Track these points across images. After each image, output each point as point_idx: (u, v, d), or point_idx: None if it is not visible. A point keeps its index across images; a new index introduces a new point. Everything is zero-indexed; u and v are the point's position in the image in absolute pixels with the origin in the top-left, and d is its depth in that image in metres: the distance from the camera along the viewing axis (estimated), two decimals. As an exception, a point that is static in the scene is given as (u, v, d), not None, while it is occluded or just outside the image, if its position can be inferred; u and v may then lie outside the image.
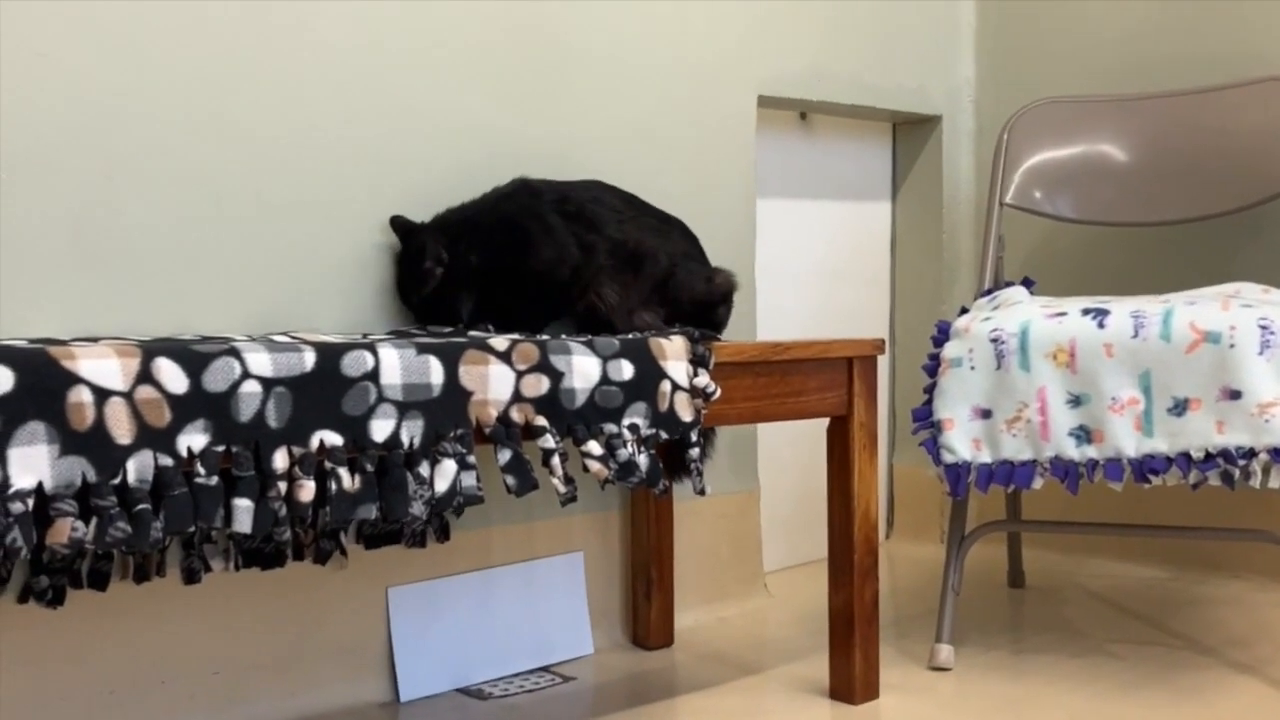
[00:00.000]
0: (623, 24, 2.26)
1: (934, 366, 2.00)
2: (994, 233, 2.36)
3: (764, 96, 2.50)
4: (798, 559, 2.80)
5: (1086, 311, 1.90)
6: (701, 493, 1.64)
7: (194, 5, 1.76)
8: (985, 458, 1.93)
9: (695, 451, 1.62)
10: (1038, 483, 1.89)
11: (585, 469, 1.53)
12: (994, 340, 1.93)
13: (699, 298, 1.94)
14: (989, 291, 2.22)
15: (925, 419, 1.98)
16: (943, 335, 2.01)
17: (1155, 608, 2.39)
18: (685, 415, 1.61)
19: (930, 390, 1.99)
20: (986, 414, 1.93)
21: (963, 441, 1.94)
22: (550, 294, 1.87)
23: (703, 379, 1.63)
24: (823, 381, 1.80)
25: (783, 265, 2.73)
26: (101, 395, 1.16)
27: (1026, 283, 2.23)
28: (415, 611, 1.98)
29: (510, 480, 1.46)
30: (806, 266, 2.82)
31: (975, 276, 2.90)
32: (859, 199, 2.94)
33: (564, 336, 1.62)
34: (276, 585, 1.84)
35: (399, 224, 1.90)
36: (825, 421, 1.86)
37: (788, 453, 2.74)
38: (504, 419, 1.47)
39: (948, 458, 1.95)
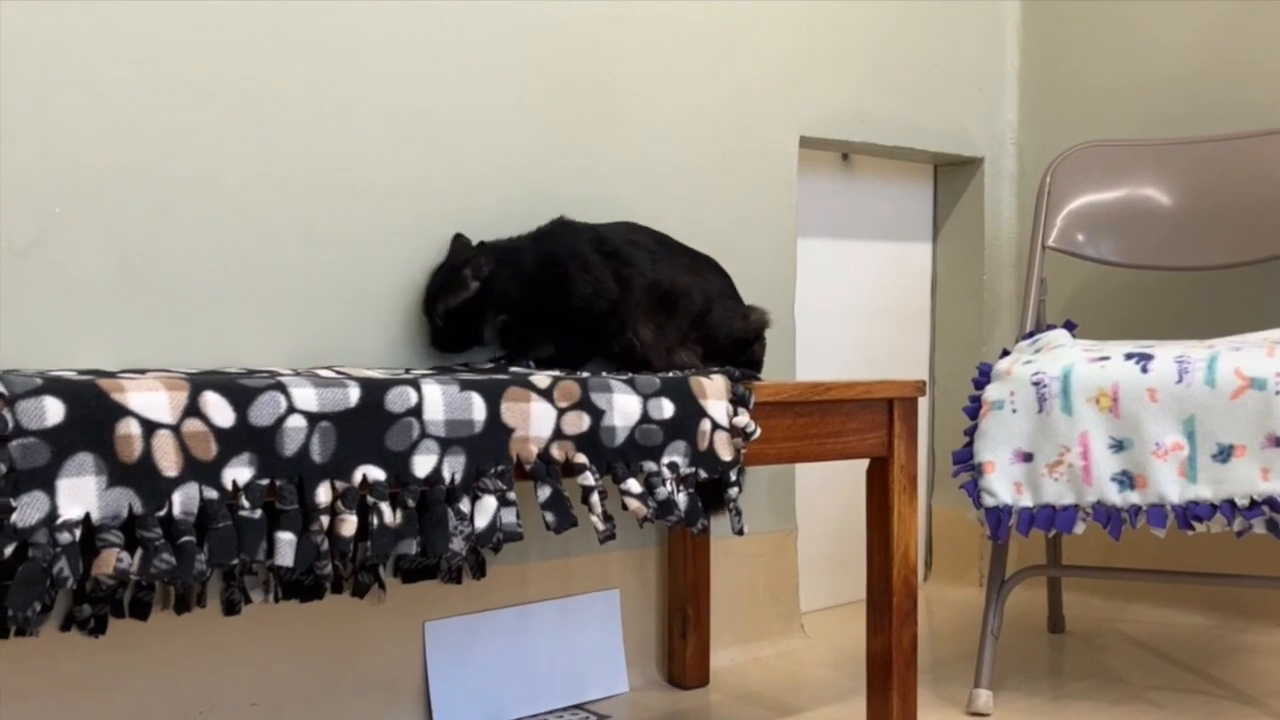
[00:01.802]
0: (667, 65, 2.27)
1: (975, 409, 1.99)
2: (1036, 275, 2.35)
3: (806, 137, 2.51)
4: (835, 600, 2.79)
5: (1130, 356, 1.89)
6: (740, 532, 1.63)
7: (243, 45, 1.79)
8: (1026, 501, 1.92)
9: (735, 491, 1.62)
10: (1079, 527, 1.87)
11: (624, 507, 1.53)
12: (1036, 383, 1.92)
13: (735, 335, 1.94)
14: (1030, 334, 2.21)
15: (966, 461, 1.97)
16: (984, 378, 2.01)
17: (1197, 655, 2.36)
18: (725, 454, 1.61)
19: (971, 433, 1.98)
20: (1028, 457, 1.92)
21: (1004, 485, 1.93)
22: (587, 331, 1.87)
23: (743, 418, 1.63)
24: (863, 422, 1.80)
25: (823, 305, 2.73)
26: (149, 428, 1.18)
27: (1069, 325, 2.22)
28: (451, 646, 1.98)
29: (550, 517, 1.46)
30: (846, 307, 2.82)
31: (1016, 319, 2.89)
32: (900, 240, 2.94)
33: (604, 374, 1.63)
34: (314, 618, 1.85)
35: (458, 241, 1.95)
36: (864, 462, 1.85)
37: (826, 493, 2.72)
38: (544, 456, 1.47)
39: (989, 501, 1.93)
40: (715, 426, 1.60)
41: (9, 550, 1.10)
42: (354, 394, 1.32)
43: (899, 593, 1.84)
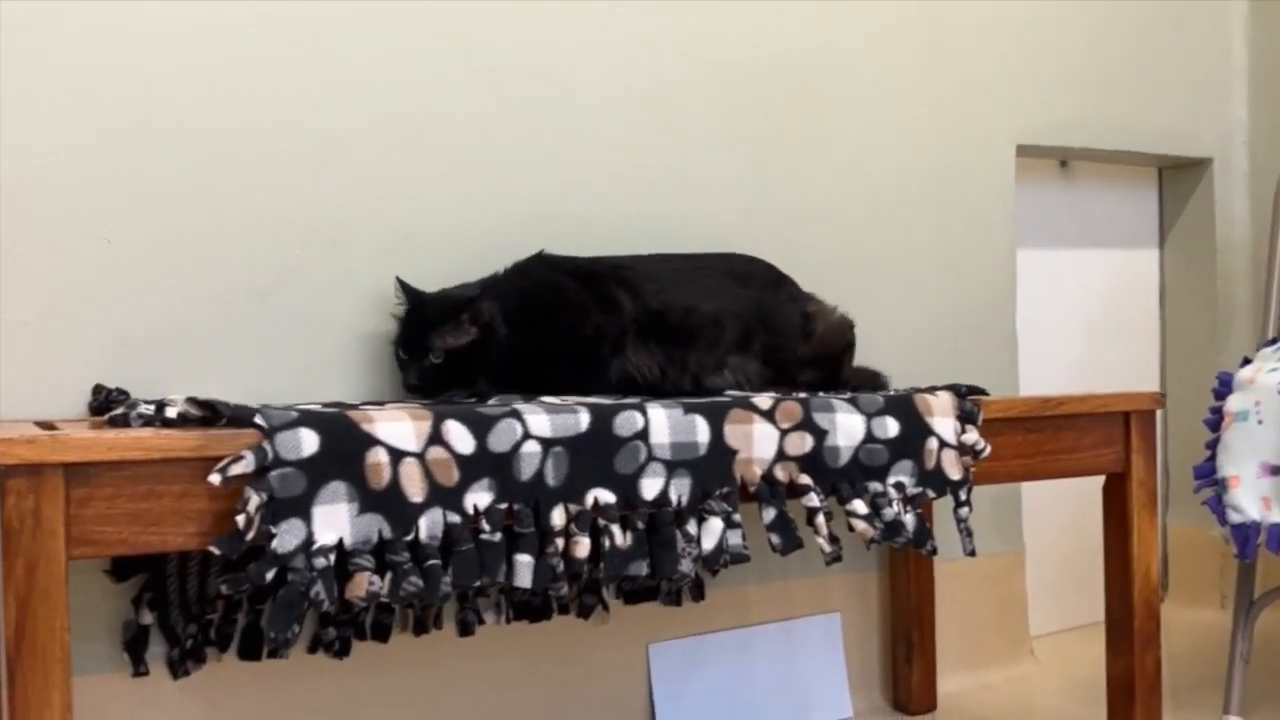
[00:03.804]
0: (878, 77, 2.25)
1: (1216, 421, 1.89)
2: (1276, 278, 2.22)
3: (1023, 145, 2.45)
4: (1066, 623, 2.68)
5: (1390, 361, 1.77)
6: (972, 553, 1.59)
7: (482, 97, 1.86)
8: (1276, 517, 1.81)
9: (965, 511, 1.58)
10: (1338, 545, 1.76)
11: (850, 528, 1.51)
12: (1284, 393, 1.81)
13: (802, 355, 1.82)
14: (1274, 340, 2.09)
15: (1208, 476, 1.88)
16: (1225, 388, 1.90)
17: None
18: (953, 473, 1.57)
19: (1213, 446, 1.88)
20: (1276, 470, 1.81)
21: (1251, 500, 1.83)
22: (577, 361, 1.71)
23: (971, 435, 1.58)
24: (1098, 437, 1.73)
25: (1044, 317, 2.64)
26: (397, 456, 1.22)
27: (1316, 331, 2.09)
28: (675, 669, 1.99)
29: (775, 539, 1.45)
30: (1069, 318, 2.72)
31: (1254, 326, 2.74)
32: (1124, 247, 2.83)
33: (824, 394, 1.61)
34: (541, 639, 1.88)
35: (406, 286, 1.73)
36: (1094, 479, 1.78)
37: (1053, 512, 2.63)
38: (768, 477, 1.47)
39: (1234, 517, 1.83)
40: (943, 444, 1.57)
41: (270, 575, 1.16)
42: (584, 419, 1.35)
43: (1140, 615, 1.76)
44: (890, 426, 1.54)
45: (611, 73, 1.98)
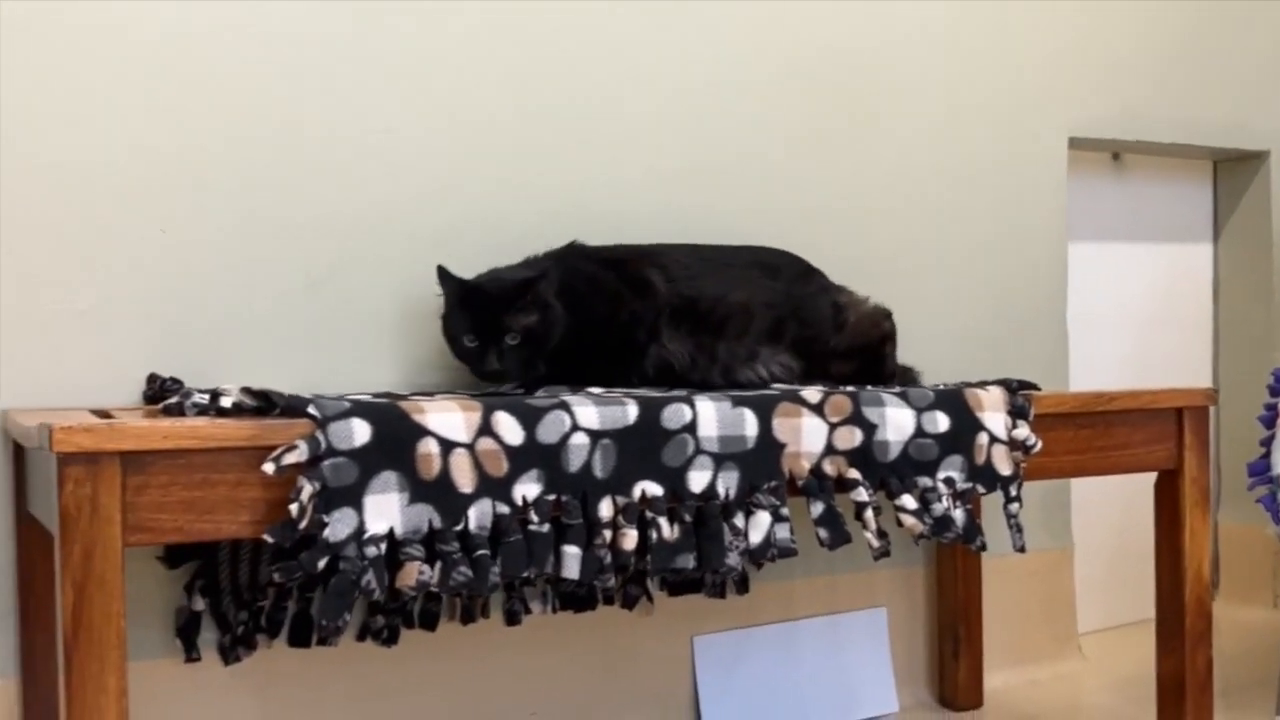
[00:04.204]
0: (928, 70, 2.23)
1: (1271, 417, 1.87)
2: (1334, 273, 2.19)
3: (1075, 138, 2.42)
4: (1113, 620, 2.66)
5: None
6: (1022, 549, 1.58)
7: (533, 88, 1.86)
8: (1332, 517, 1.78)
9: (1015, 507, 1.57)
10: (1397, 545, 1.73)
11: (899, 523, 1.50)
12: (1342, 390, 1.78)
13: (836, 347, 1.80)
14: (1331, 337, 2.06)
15: (1263, 473, 1.86)
16: (1280, 384, 1.88)
17: None
18: (1004, 469, 1.56)
19: (1268, 443, 1.86)
20: (1333, 470, 1.79)
21: (1306, 499, 1.80)
22: (612, 351, 1.70)
23: (1022, 431, 1.57)
24: (1150, 434, 1.71)
25: (1095, 312, 2.61)
26: (447, 446, 1.23)
27: (1375, 327, 2.06)
28: (720, 661, 1.99)
29: (823, 533, 1.45)
30: (1120, 313, 2.69)
31: (1310, 321, 2.70)
32: (1177, 241, 2.79)
33: (872, 388, 1.61)
34: (587, 629, 1.89)
35: (449, 274, 1.67)
36: (1144, 476, 1.77)
37: (1102, 508, 2.60)
38: (817, 471, 1.46)
39: (1289, 516, 1.81)
40: (993, 440, 1.56)
41: (322, 563, 1.17)
42: (632, 411, 1.35)
43: (1191, 613, 1.74)
44: (940, 421, 1.53)
45: (655, 69, 1.98)
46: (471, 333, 1.62)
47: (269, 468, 1.16)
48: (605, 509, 1.32)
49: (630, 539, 1.33)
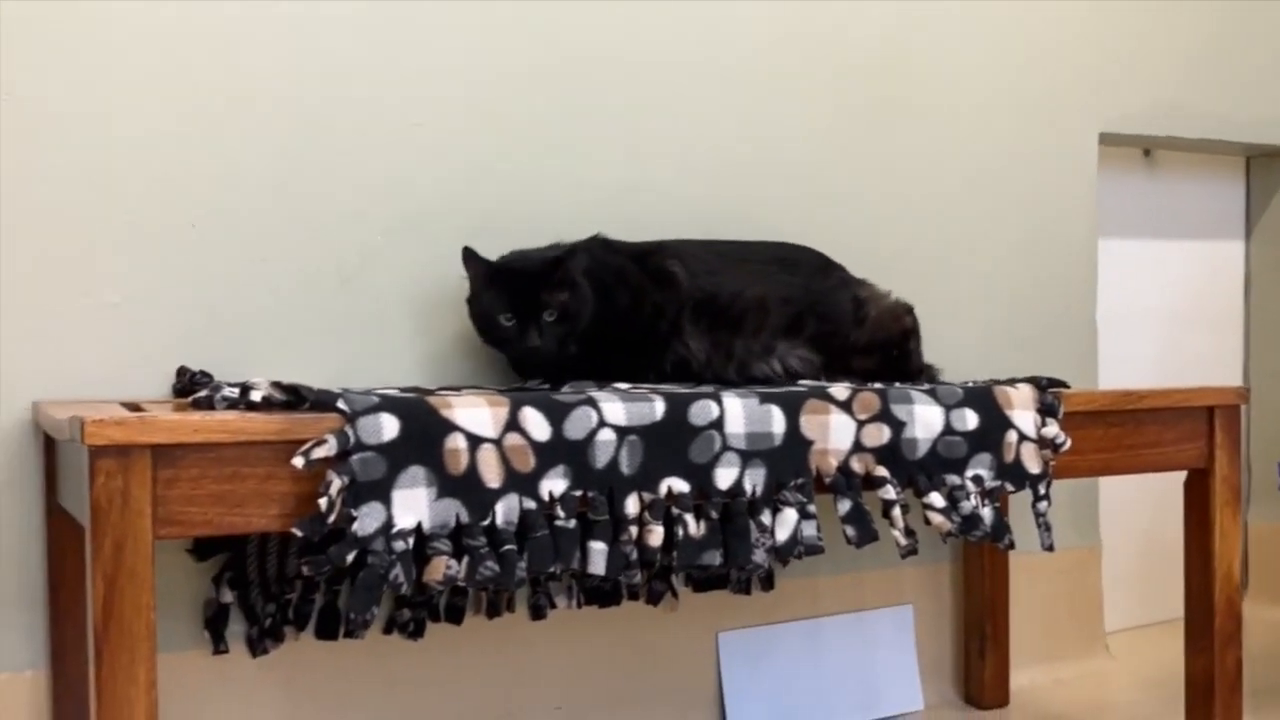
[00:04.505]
0: (959, 66, 2.22)
1: (1304, 417, 1.84)
2: (1369, 271, 2.17)
3: (1106, 134, 2.40)
4: (1140, 620, 2.64)
5: None
6: (1050, 548, 1.57)
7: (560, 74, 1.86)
8: (1365, 517, 1.76)
9: (1044, 505, 1.56)
10: None
11: (926, 521, 1.50)
12: (1377, 389, 1.76)
13: (856, 342, 1.78)
14: (1365, 336, 2.04)
15: (1294, 474, 1.84)
16: (1314, 384, 1.86)
17: None
18: (1033, 467, 1.55)
19: (1300, 443, 1.84)
20: (1366, 470, 1.77)
21: (1338, 499, 1.78)
22: (633, 346, 1.69)
23: (1052, 429, 1.56)
24: (1181, 432, 1.70)
25: (1124, 309, 2.59)
26: (474, 442, 1.23)
27: None
28: (745, 657, 1.99)
29: (850, 531, 1.45)
30: (1149, 310, 2.67)
31: (1343, 319, 2.67)
32: (1208, 237, 2.77)
33: (900, 385, 1.60)
34: (612, 625, 1.89)
35: (475, 255, 1.66)
36: (1174, 474, 1.76)
37: (1130, 506, 2.59)
38: (844, 469, 1.46)
39: (1322, 517, 1.79)
40: (1022, 438, 1.55)
41: (350, 557, 1.17)
42: (660, 408, 1.35)
43: (1221, 613, 1.73)
44: (969, 419, 1.52)
45: (685, 64, 1.97)
46: (509, 311, 1.60)
47: (298, 462, 1.17)
48: (631, 505, 1.32)
49: (656, 535, 1.32)
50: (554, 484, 1.27)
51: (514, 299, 1.60)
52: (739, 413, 1.40)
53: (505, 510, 1.24)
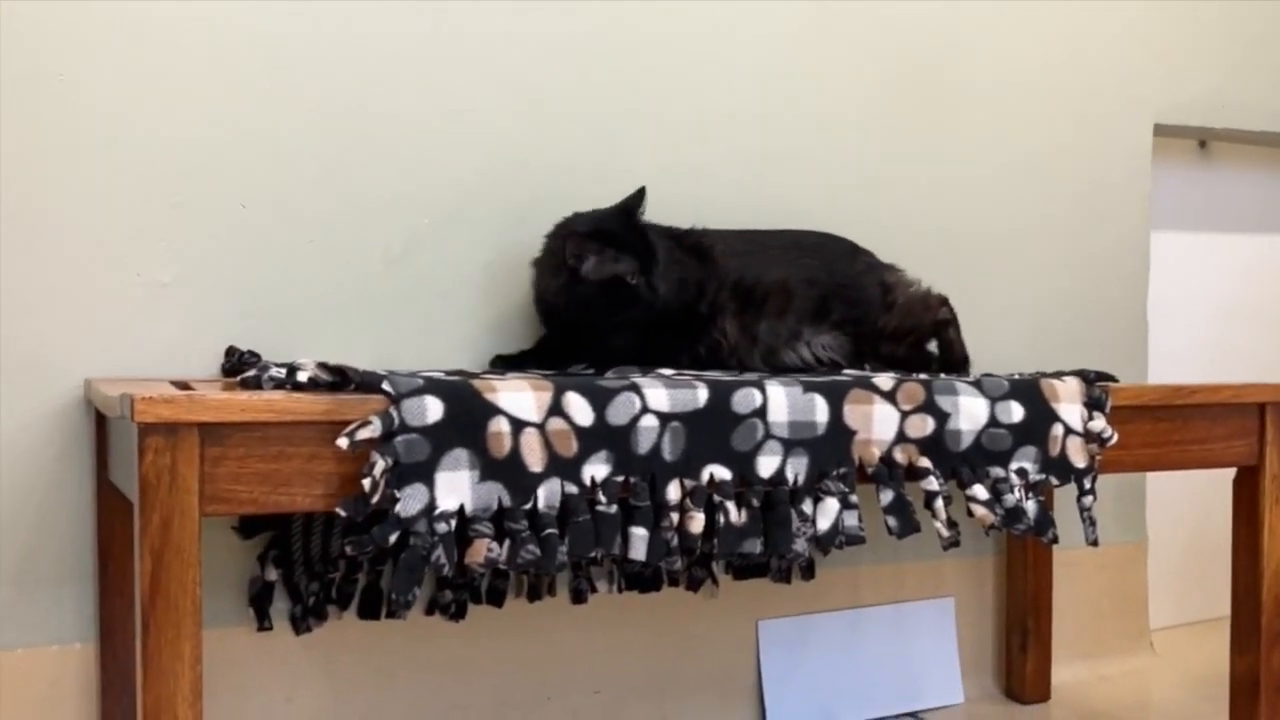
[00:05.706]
0: (1010, 56, 2.20)
1: (1358, 415, 1.81)
2: None
3: (1160, 125, 2.37)
4: (1187, 617, 2.61)
5: None
6: (1094, 543, 1.56)
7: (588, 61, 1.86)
8: None
9: (1089, 500, 1.54)
10: None
11: (969, 513, 1.49)
12: None
13: (884, 328, 1.78)
14: None
15: (1347, 473, 1.80)
16: (1369, 381, 1.83)
17: None
18: (1078, 461, 1.54)
19: (1353, 441, 1.80)
20: None
21: (1392, 499, 1.75)
22: (669, 329, 1.69)
23: (1098, 423, 1.55)
24: (1230, 429, 1.68)
25: (1176, 302, 2.56)
26: (518, 426, 1.24)
27: None
28: (784, 646, 1.99)
29: (892, 522, 1.44)
30: (1203, 304, 2.64)
31: (1401, 316, 2.62)
32: (1266, 231, 2.72)
33: (945, 375, 1.59)
34: (652, 611, 1.89)
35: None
36: (1223, 471, 1.73)
37: (1178, 502, 2.56)
38: (887, 459, 1.45)
39: (1374, 517, 1.76)
40: (1068, 431, 1.53)
41: (393, 538, 1.18)
42: (703, 395, 1.35)
43: (1268, 611, 1.71)
44: (1015, 411, 1.51)
45: (732, 53, 1.97)
46: (636, 260, 1.63)
47: (343, 442, 1.17)
48: (673, 491, 1.32)
49: (697, 522, 1.32)
50: (596, 469, 1.28)
51: (636, 251, 1.64)
52: (782, 401, 1.39)
53: (547, 494, 1.25)
